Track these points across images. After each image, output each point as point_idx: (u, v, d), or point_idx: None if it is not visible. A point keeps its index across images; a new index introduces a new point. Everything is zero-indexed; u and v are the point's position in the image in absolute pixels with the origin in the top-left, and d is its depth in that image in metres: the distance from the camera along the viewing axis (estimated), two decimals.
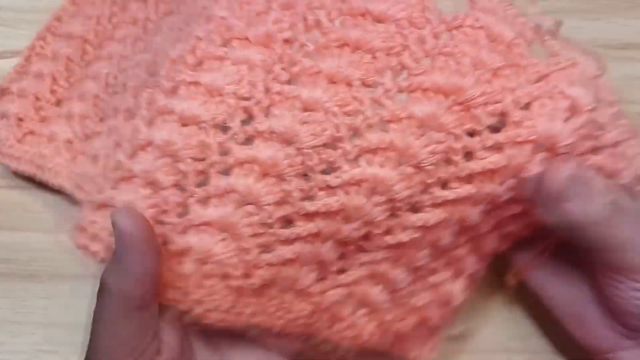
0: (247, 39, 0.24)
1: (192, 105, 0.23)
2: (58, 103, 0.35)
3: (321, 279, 0.24)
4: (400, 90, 0.22)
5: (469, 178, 0.22)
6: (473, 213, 0.23)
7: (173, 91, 0.23)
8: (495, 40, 0.23)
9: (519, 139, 0.21)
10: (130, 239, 0.22)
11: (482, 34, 0.23)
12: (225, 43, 0.24)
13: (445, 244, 0.24)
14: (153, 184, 0.23)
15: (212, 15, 0.25)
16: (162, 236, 0.23)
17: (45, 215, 0.34)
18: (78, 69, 0.36)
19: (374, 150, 0.22)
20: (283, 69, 0.23)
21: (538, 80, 0.22)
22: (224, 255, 0.23)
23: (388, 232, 0.23)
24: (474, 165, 0.22)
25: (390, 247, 0.23)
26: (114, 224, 0.22)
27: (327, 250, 0.23)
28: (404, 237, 0.23)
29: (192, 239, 0.23)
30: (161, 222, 0.23)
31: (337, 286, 0.24)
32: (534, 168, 0.22)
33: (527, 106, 0.22)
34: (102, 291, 0.23)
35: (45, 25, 0.37)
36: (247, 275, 0.23)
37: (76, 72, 0.36)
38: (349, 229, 0.23)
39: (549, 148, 0.22)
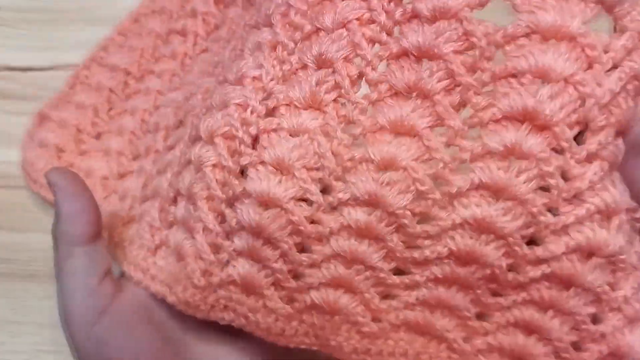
0: (292, 104, 0.23)
1: (265, 186, 0.22)
2: (98, 136, 0.36)
3: (460, 325, 0.24)
4: (472, 126, 0.21)
5: (579, 197, 0.20)
6: (611, 235, 0.20)
7: (242, 173, 0.23)
8: (556, 37, 0.20)
9: (610, 139, 0.20)
10: (58, 187, 0.26)
11: (537, 37, 0.20)
12: (271, 112, 0.23)
13: (594, 280, 0.21)
14: (261, 260, 0.24)
15: (244, 75, 0.24)
16: (286, 297, 0.24)
17: (45, 215, 0.34)
18: (119, 101, 0.36)
19: (465, 194, 0.21)
20: (344, 131, 0.22)
21: (614, 67, 0.20)
22: (349, 307, 0.23)
23: (514, 269, 0.21)
24: (578, 184, 0.20)
25: (524, 286, 0.22)
26: (48, 182, 0.26)
27: (454, 295, 0.23)
28: (533, 273, 0.21)
29: (315, 296, 0.23)
30: (282, 288, 0.24)
31: (482, 334, 0.24)
32: None
33: (609, 103, 0.20)
34: (53, 243, 0.26)
35: (92, 54, 0.37)
36: (376, 320, 0.24)
37: (117, 105, 0.36)
38: (467, 272, 0.22)
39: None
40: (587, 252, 0.21)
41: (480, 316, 0.23)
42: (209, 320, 0.25)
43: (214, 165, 0.24)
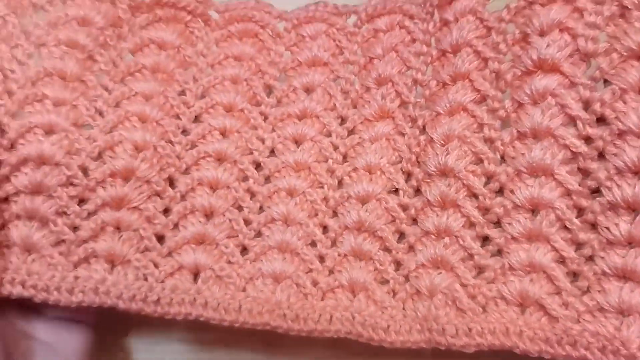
0: (366, 120, 0.29)
1: (360, 187, 0.28)
2: None
3: (554, 290, 0.25)
4: (503, 91, 0.27)
5: (602, 119, 0.25)
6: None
7: (340, 183, 0.28)
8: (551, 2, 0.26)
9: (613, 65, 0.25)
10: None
11: (537, 6, 0.26)
12: (351, 131, 0.30)
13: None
14: (363, 255, 0.28)
15: (311, 110, 0.31)
16: (389, 290, 0.28)
17: None
18: None
19: (510, 145, 0.26)
20: (414, 127, 0.28)
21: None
22: (445, 283, 0.27)
23: (580, 213, 0.26)
24: (595, 107, 0.25)
25: (594, 226, 0.25)
26: None
27: (535, 253, 0.26)
28: (590, 202, 0.25)
29: (415, 282, 0.27)
30: (384, 280, 0.28)
31: (578, 295, 0.25)
32: None
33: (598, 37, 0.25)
34: None
35: None
36: (471, 296, 0.26)
37: None
38: (538, 224, 0.25)
39: None
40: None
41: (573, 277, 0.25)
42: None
43: (314, 186, 0.29)
